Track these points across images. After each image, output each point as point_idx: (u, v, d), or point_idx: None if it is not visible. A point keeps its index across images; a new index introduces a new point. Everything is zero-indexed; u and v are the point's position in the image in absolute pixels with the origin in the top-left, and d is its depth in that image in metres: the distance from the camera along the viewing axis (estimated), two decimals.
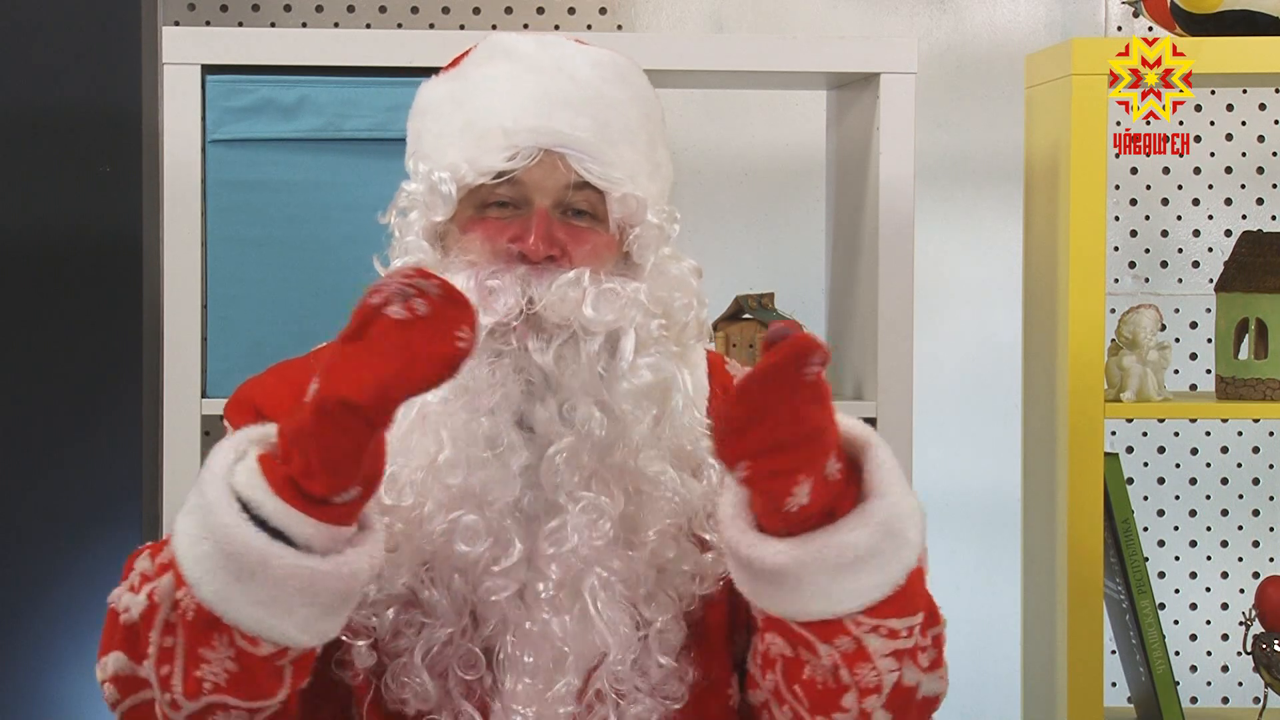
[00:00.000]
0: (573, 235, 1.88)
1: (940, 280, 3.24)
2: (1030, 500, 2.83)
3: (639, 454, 1.87)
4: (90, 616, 2.95)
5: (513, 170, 1.86)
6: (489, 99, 1.90)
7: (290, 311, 2.50)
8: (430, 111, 1.97)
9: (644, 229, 1.91)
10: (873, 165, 2.59)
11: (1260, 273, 2.68)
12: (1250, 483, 3.29)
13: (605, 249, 1.89)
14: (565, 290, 1.85)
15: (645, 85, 1.97)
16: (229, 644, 1.72)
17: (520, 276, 1.86)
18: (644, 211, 1.90)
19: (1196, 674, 3.28)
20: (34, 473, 2.97)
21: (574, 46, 1.94)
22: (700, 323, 1.95)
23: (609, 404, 1.86)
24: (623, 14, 3.21)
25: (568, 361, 1.86)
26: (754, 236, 3.24)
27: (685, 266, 1.94)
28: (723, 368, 2.03)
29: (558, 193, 1.88)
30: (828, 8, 3.23)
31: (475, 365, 1.84)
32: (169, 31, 2.51)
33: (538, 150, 1.86)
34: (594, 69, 1.92)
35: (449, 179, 1.88)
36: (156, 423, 2.92)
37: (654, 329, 1.89)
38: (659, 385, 1.89)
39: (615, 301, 1.87)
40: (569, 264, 1.87)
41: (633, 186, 1.89)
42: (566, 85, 1.89)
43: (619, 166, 1.88)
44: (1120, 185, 3.25)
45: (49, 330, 2.97)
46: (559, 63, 1.91)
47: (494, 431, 1.85)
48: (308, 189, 2.51)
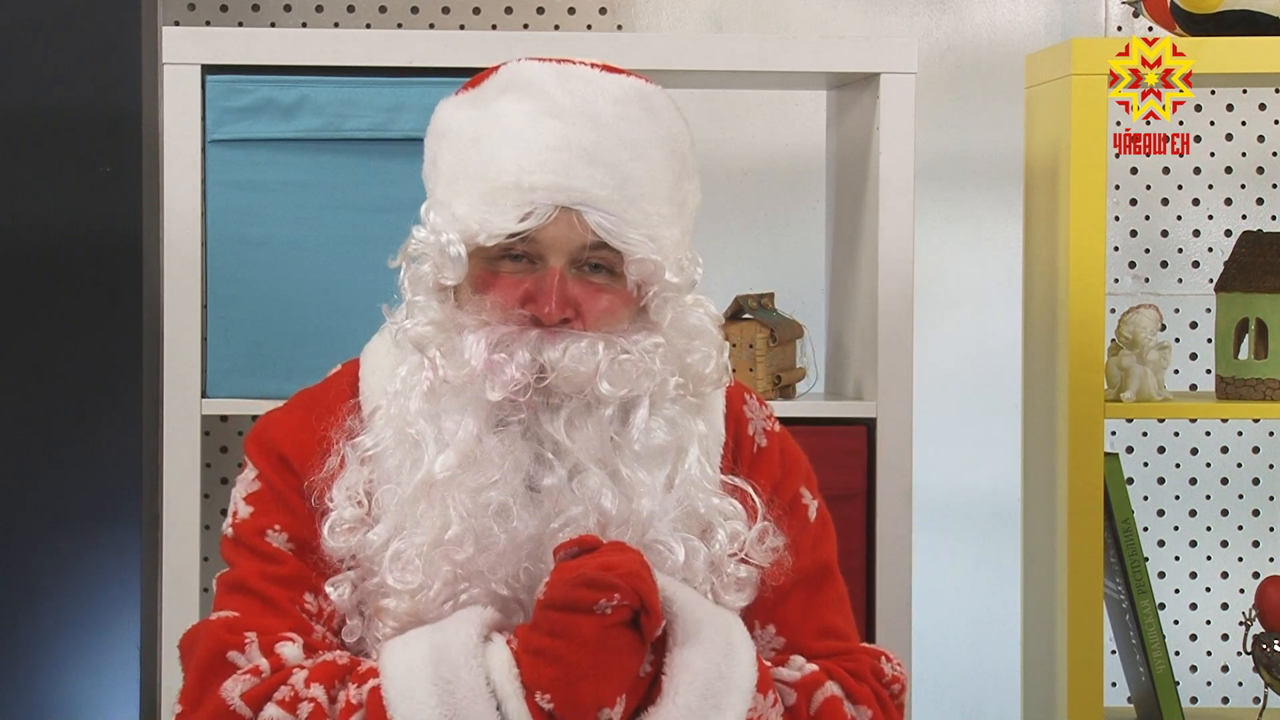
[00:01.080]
0: (588, 294, 1.84)
1: (940, 280, 3.24)
2: (1030, 500, 2.83)
3: (646, 531, 1.85)
4: (90, 616, 2.95)
5: (526, 231, 1.81)
6: (505, 147, 1.83)
7: (290, 311, 2.50)
8: (448, 138, 1.90)
9: (662, 287, 1.86)
10: (873, 165, 2.59)
11: (1260, 273, 2.68)
12: (1250, 483, 3.29)
13: (621, 306, 1.86)
14: (579, 363, 1.82)
15: (672, 116, 1.91)
16: None
17: (532, 343, 1.82)
18: (662, 272, 1.85)
19: (1196, 674, 3.28)
20: (34, 473, 2.97)
21: (597, 81, 1.87)
22: (721, 369, 1.91)
23: (619, 472, 1.84)
24: (623, 14, 3.20)
25: (578, 429, 1.84)
26: (754, 236, 3.24)
27: (705, 315, 1.91)
28: (740, 408, 2.00)
29: (573, 252, 1.83)
30: (828, 8, 3.23)
31: (484, 434, 1.83)
32: (169, 31, 2.51)
33: (554, 208, 1.81)
34: (617, 106, 1.85)
35: (458, 241, 1.83)
36: (156, 423, 2.92)
37: (672, 389, 1.87)
38: (672, 446, 1.87)
39: (630, 373, 1.84)
40: (582, 325, 1.83)
41: (651, 249, 1.83)
42: (587, 132, 1.83)
43: (638, 225, 1.83)
44: (1120, 185, 3.25)
45: (49, 330, 2.97)
46: (581, 103, 1.84)
47: (502, 504, 1.83)
48: (308, 189, 2.51)
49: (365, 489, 1.87)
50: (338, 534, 1.86)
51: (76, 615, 2.96)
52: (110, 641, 2.96)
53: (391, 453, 1.86)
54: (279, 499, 1.90)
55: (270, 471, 1.91)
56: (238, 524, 1.91)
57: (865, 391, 2.62)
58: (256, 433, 1.95)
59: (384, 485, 1.86)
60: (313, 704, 1.77)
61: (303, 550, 1.88)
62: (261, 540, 1.89)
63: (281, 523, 1.89)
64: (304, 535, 1.89)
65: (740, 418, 1.99)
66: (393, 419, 1.87)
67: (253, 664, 1.81)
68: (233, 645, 1.82)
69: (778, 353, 2.65)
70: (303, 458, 1.90)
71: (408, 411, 1.86)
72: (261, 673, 1.80)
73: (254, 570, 1.88)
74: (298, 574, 1.87)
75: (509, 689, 1.74)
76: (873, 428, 2.58)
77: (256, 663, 1.81)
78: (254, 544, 1.89)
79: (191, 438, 2.50)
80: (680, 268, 1.87)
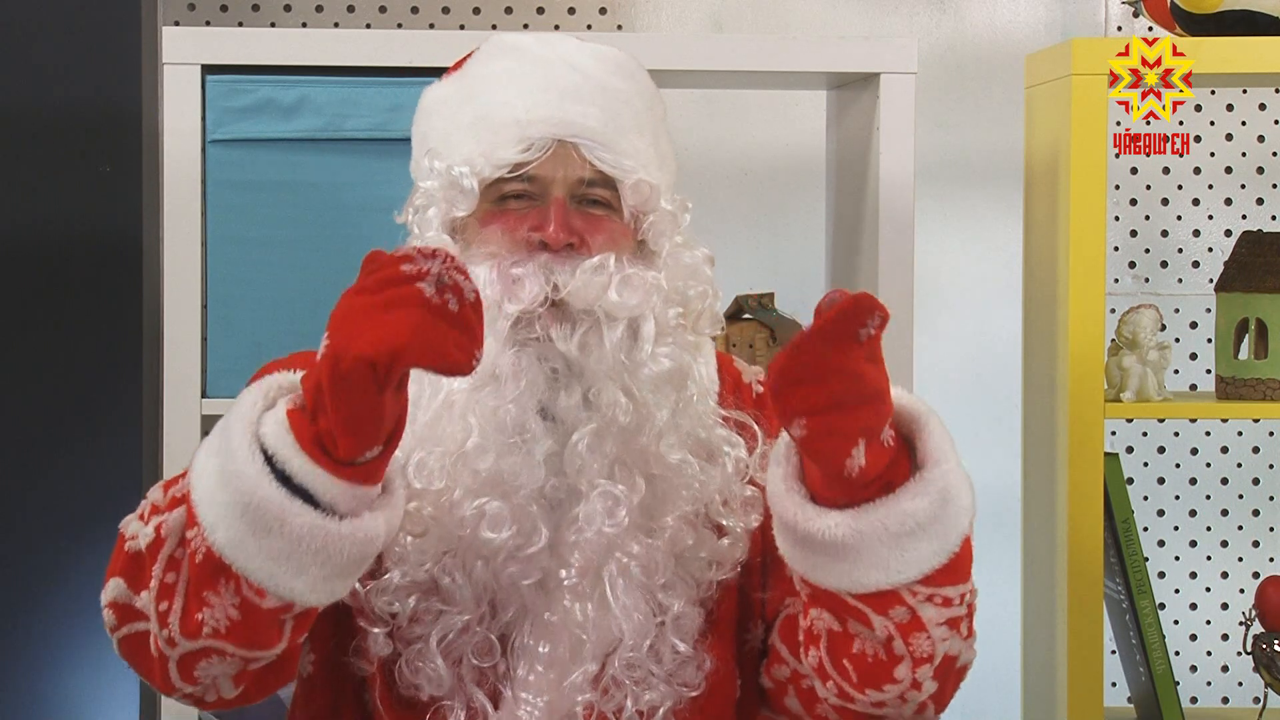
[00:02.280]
0: (590, 224, 1.90)
1: (940, 280, 3.24)
2: (1030, 500, 2.83)
3: (661, 440, 1.88)
4: (90, 616, 2.95)
5: (528, 162, 1.88)
6: (498, 93, 1.92)
7: (290, 311, 2.50)
8: (436, 112, 1.98)
9: (658, 216, 1.92)
10: (873, 165, 2.59)
11: (1260, 273, 2.68)
12: (1250, 483, 3.29)
13: (621, 237, 1.91)
14: (590, 276, 1.86)
15: (647, 80, 1.98)
16: (234, 591, 1.73)
17: (543, 265, 1.87)
18: (657, 198, 1.92)
19: (1196, 674, 3.28)
20: (34, 473, 2.97)
21: (575, 42, 1.96)
22: (714, 312, 1.96)
23: (632, 389, 1.87)
24: (623, 14, 3.21)
25: (591, 348, 1.87)
26: (754, 236, 3.24)
27: (699, 255, 1.96)
28: (731, 364, 2.05)
29: (572, 185, 1.89)
30: (828, 8, 3.23)
31: (501, 353, 1.85)
32: (169, 31, 2.51)
33: (551, 141, 1.88)
34: (597, 62, 1.94)
35: (469, 173, 1.89)
36: (156, 423, 2.92)
37: (672, 318, 1.91)
38: (677, 373, 1.90)
39: (639, 287, 1.88)
40: (588, 252, 1.88)
41: (645, 174, 1.90)
42: (573, 77, 1.91)
43: (630, 155, 1.90)
44: (1120, 185, 3.25)
45: (49, 330, 2.97)
46: (563, 57, 1.93)
47: (520, 419, 1.85)
48: (308, 189, 2.51)
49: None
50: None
51: (76, 615, 2.96)
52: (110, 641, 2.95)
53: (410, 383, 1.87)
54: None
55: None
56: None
57: None
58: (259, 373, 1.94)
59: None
60: (150, 506, 1.80)
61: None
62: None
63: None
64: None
65: (733, 370, 2.04)
66: None
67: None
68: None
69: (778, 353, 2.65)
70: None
71: None
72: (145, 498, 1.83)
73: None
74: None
75: (285, 449, 1.70)
76: None
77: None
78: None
79: (191, 438, 2.50)
80: (673, 201, 1.94)
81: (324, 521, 1.70)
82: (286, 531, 1.70)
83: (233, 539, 1.71)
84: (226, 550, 1.71)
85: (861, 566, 1.76)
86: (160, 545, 1.77)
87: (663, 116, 1.99)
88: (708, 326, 1.96)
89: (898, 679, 1.80)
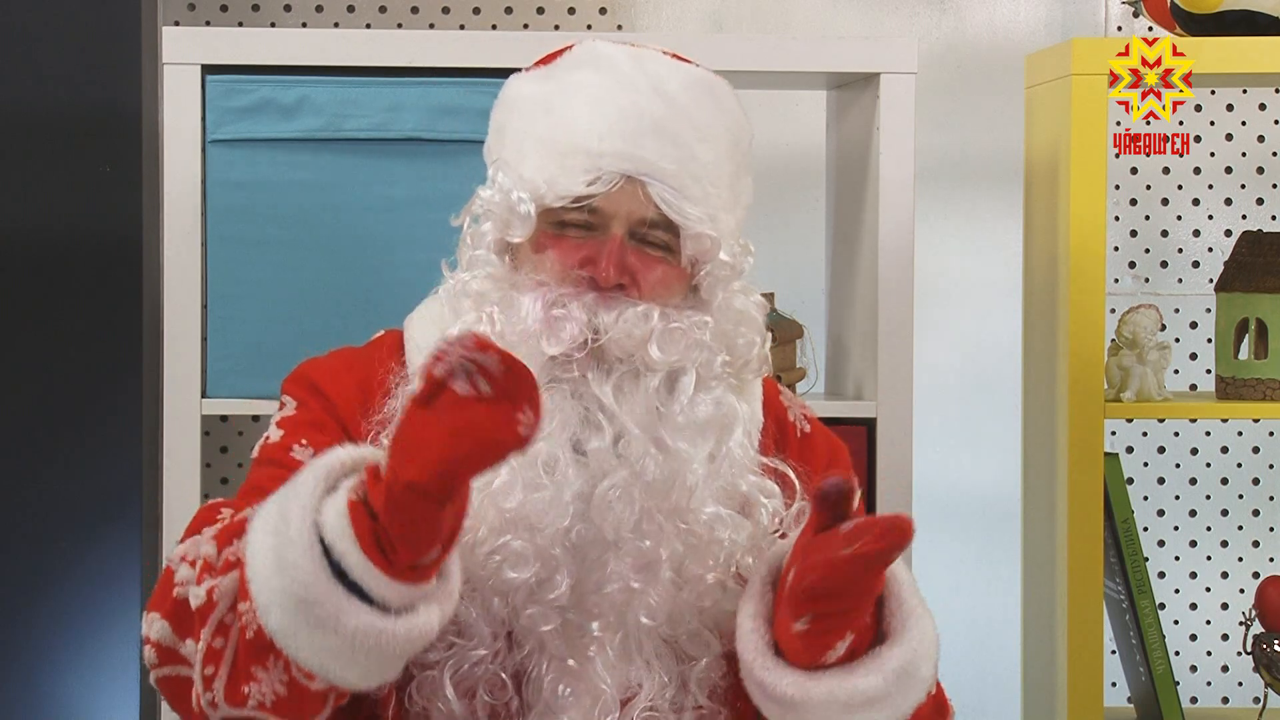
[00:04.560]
0: (644, 263, 1.86)
1: (940, 280, 3.24)
2: (1030, 500, 2.83)
3: (693, 496, 1.85)
4: (91, 617, 2.95)
5: (592, 196, 1.84)
6: (576, 112, 1.86)
7: (290, 311, 2.50)
8: (516, 109, 1.92)
9: (715, 266, 1.89)
10: (873, 165, 2.59)
11: (1260, 273, 2.69)
12: (1250, 483, 3.29)
13: (675, 280, 1.88)
14: (632, 327, 1.83)
15: (737, 109, 1.93)
16: (283, 670, 1.70)
17: (588, 305, 1.84)
18: (717, 250, 1.88)
19: (1196, 674, 3.28)
20: (34, 473, 2.97)
21: (669, 63, 1.90)
22: (763, 356, 1.94)
23: (664, 441, 1.84)
24: (623, 14, 3.20)
25: (626, 395, 1.85)
26: (754, 236, 3.22)
27: (753, 301, 1.93)
28: (776, 397, 2.02)
29: (634, 223, 1.85)
30: (828, 8, 3.23)
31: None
32: (169, 31, 2.51)
33: (620, 176, 1.84)
34: (687, 90, 1.88)
35: (528, 199, 1.85)
36: (156, 423, 2.92)
37: (718, 367, 1.89)
38: (718, 420, 1.88)
39: (680, 342, 1.85)
40: (638, 293, 1.85)
41: (709, 225, 1.86)
42: (658, 107, 1.86)
43: (699, 202, 1.86)
44: (1120, 185, 3.25)
45: (49, 330, 2.97)
46: (653, 80, 1.87)
47: (550, 456, 1.82)
48: (308, 189, 2.51)
49: None
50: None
51: (76, 615, 2.96)
52: (110, 641, 2.96)
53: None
54: (312, 420, 1.89)
55: (307, 397, 1.91)
56: (265, 445, 1.90)
57: (865, 391, 2.62)
58: (294, 373, 1.95)
59: None
60: (203, 561, 1.75)
61: None
62: (286, 455, 1.87)
63: (310, 438, 1.88)
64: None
65: (778, 405, 2.01)
66: None
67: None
68: (207, 521, 1.80)
69: (778, 353, 2.65)
70: (340, 393, 1.90)
71: None
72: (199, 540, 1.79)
73: (269, 475, 1.85)
74: None
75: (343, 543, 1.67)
76: (873, 428, 2.58)
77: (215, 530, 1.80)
78: (277, 457, 1.88)
79: (191, 438, 2.50)
80: (733, 251, 1.90)
81: (379, 621, 1.67)
82: (341, 630, 1.66)
83: (285, 627, 1.68)
84: (279, 636, 1.68)
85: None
86: (211, 609, 1.73)
87: (748, 148, 1.94)
88: (753, 373, 1.94)
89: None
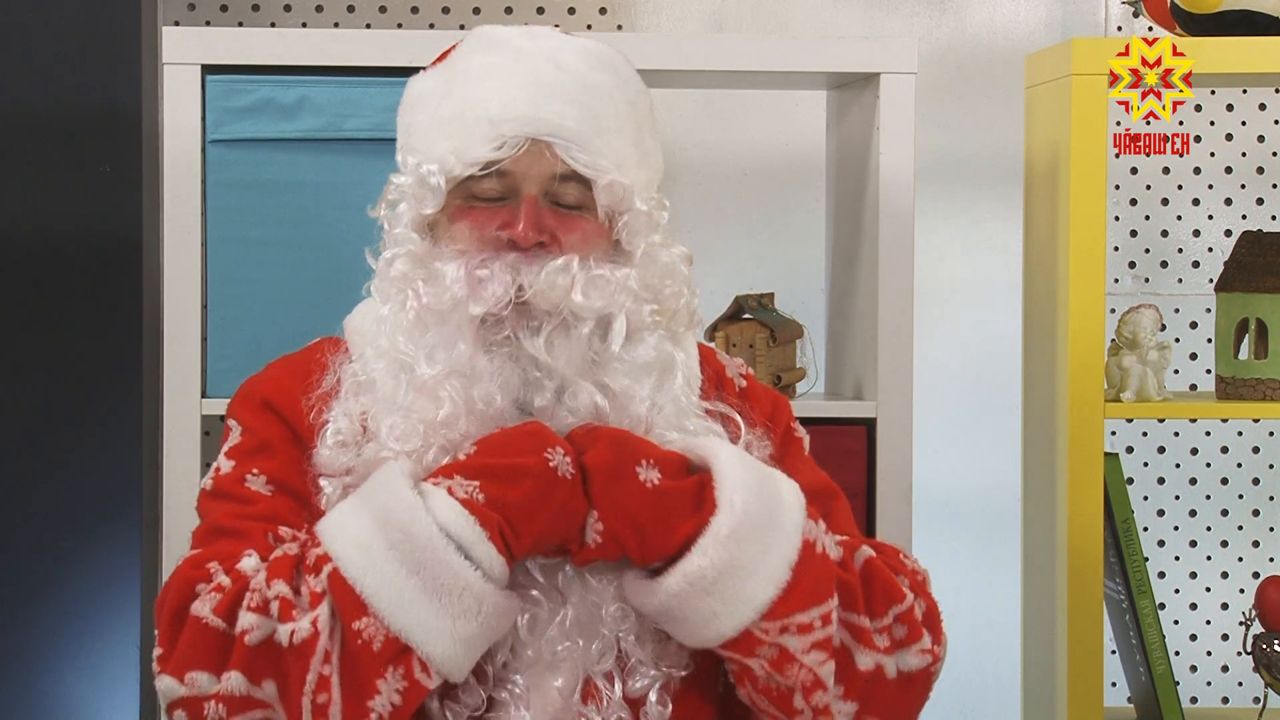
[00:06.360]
0: (562, 222, 1.89)
1: (940, 280, 3.24)
2: (1030, 500, 2.83)
3: (649, 431, 1.88)
4: (90, 617, 2.95)
5: (500, 160, 1.87)
6: (476, 89, 1.91)
7: (290, 311, 2.50)
8: (419, 104, 1.97)
9: (632, 216, 1.91)
10: (873, 165, 2.59)
11: (1260, 273, 2.69)
12: (1250, 483, 3.29)
13: (595, 236, 1.91)
14: (554, 277, 1.86)
15: (632, 75, 1.97)
16: (402, 676, 1.76)
17: (510, 264, 1.87)
18: (631, 198, 1.91)
19: (1196, 674, 3.28)
20: (34, 473, 2.97)
21: (561, 37, 1.95)
22: (691, 310, 1.96)
23: (606, 385, 1.88)
24: (623, 14, 3.21)
25: (558, 348, 1.87)
26: (754, 236, 3.24)
27: (675, 253, 1.95)
28: (713, 357, 2.05)
29: (545, 182, 1.88)
30: (828, 8, 3.23)
31: (474, 356, 1.86)
32: (169, 31, 2.51)
33: (525, 139, 1.87)
34: (581, 58, 1.92)
35: (437, 171, 1.89)
36: (156, 423, 2.92)
37: (646, 315, 1.91)
38: (659, 363, 1.91)
39: (605, 288, 1.88)
40: (559, 250, 1.88)
41: (619, 174, 1.89)
42: (554, 74, 1.90)
43: (606, 155, 1.89)
44: (1120, 185, 3.25)
45: (49, 330, 2.97)
46: (546, 52, 1.92)
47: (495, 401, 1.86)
48: (308, 189, 2.51)
49: (360, 420, 1.89)
50: (334, 446, 1.88)
51: (76, 615, 2.96)
52: (110, 641, 2.96)
53: (384, 381, 1.89)
54: (261, 445, 1.92)
55: (252, 419, 1.93)
56: (217, 478, 1.92)
57: (865, 391, 2.62)
58: (238, 393, 1.98)
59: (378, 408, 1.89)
60: (280, 600, 1.78)
61: (282, 491, 1.89)
62: (239, 486, 1.90)
63: (260, 466, 1.90)
64: (285, 477, 1.90)
65: (716, 363, 2.04)
66: (383, 353, 1.90)
67: (216, 583, 1.81)
68: (199, 579, 1.82)
69: (778, 353, 2.65)
70: (287, 403, 1.93)
71: (397, 344, 1.89)
72: (224, 589, 1.80)
73: (228, 512, 1.89)
74: (273, 511, 1.88)
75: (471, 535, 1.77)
76: (873, 427, 2.58)
77: (219, 581, 1.81)
78: (231, 491, 1.90)
79: (191, 438, 2.50)
80: (649, 202, 1.93)
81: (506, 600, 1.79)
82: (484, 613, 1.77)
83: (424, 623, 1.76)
84: (415, 633, 1.76)
85: (694, 624, 1.81)
86: (316, 639, 1.77)
87: (648, 113, 1.98)
88: (684, 325, 1.96)
89: (798, 709, 1.83)
